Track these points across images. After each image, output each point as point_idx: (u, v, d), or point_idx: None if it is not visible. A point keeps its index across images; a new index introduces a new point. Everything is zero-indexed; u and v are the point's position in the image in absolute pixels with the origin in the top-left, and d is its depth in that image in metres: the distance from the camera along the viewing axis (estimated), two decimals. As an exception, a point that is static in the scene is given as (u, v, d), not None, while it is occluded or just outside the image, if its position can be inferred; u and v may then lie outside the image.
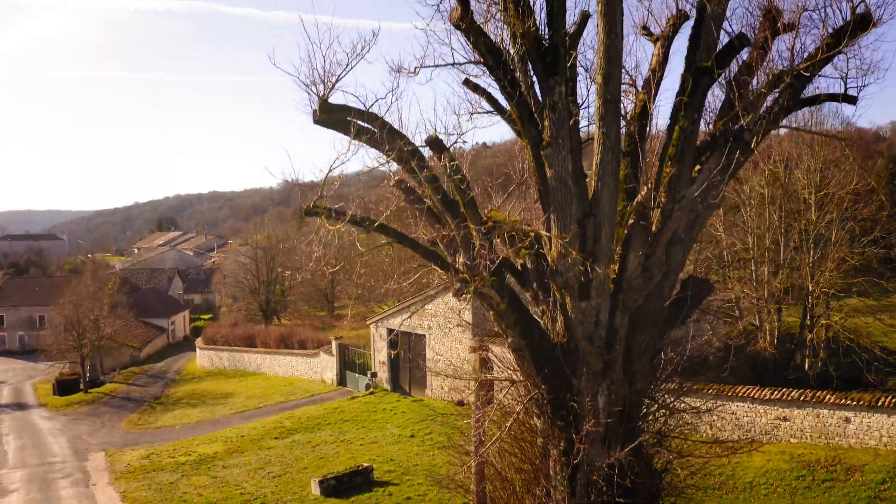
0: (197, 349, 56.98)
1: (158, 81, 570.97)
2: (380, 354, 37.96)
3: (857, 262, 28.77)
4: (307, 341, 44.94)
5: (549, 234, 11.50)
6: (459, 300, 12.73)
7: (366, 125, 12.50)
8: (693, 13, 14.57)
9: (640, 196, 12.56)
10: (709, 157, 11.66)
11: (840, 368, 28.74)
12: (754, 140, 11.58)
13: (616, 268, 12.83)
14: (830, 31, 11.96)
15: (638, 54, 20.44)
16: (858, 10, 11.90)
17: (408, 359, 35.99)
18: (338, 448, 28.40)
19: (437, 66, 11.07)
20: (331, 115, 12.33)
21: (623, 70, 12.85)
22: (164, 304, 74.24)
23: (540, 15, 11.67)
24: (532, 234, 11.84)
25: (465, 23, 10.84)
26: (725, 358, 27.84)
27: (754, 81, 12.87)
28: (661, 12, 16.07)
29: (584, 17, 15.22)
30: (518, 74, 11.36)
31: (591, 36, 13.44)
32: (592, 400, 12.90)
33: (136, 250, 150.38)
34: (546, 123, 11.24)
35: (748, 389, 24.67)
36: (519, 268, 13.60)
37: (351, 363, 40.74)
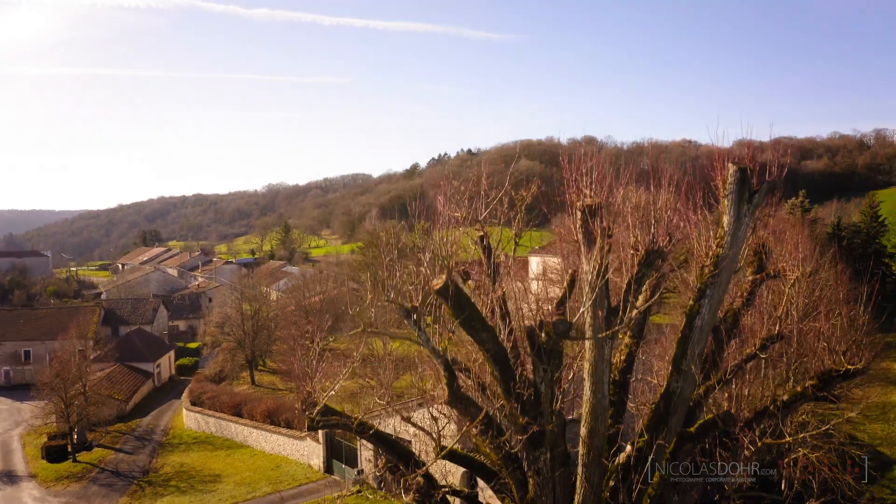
0: (184, 409, 57.29)
1: (145, 78, 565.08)
2: (366, 451, 38.50)
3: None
4: (293, 421, 45.35)
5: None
6: None
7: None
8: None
9: None
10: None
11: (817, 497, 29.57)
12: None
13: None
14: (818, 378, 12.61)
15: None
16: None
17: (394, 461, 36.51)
18: (326, 577, 29.04)
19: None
20: (322, 425, 13.02)
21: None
22: (149, 346, 74.17)
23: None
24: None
25: (456, 400, 11.36)
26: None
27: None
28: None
29: (572, 277, 15.77)
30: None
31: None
32: None
33: (120, 266, 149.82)
34: (531, 483, 11.78)
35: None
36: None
37: (338, 451, 41.26)
